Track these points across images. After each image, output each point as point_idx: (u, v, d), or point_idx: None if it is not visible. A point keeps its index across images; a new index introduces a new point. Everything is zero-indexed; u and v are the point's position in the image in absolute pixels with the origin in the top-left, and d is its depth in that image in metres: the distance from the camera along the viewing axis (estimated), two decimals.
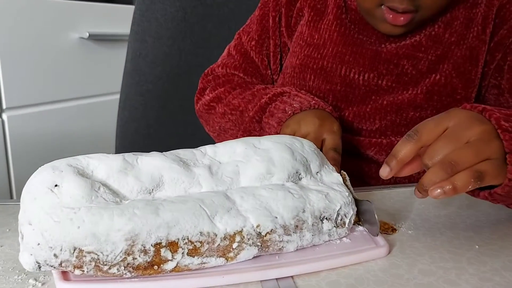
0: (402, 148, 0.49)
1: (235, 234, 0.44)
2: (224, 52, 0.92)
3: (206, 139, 0.89)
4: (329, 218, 0.49)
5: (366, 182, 0.80)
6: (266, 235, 0.45)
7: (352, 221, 0.51)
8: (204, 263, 0.43)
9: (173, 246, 0.42)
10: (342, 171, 0.56)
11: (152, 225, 0.41)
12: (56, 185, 0.41)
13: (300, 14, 0.84)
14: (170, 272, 0.43)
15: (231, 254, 0.44)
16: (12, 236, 0.52)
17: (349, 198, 0.51)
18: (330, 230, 0.49)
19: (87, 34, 1.45)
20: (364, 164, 0.79)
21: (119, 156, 0.46)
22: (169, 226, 0.41)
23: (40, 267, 0.40)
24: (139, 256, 0.41)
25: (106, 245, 0.40)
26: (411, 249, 0.51)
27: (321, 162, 0.54)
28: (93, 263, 0.40)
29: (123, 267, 0.41)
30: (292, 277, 0.45)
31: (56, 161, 0.44)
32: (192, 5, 1.10)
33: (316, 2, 0.82)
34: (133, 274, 0.41)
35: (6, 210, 0.58)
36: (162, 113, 1.16)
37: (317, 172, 0.53)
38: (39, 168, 0.43)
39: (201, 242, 0.42)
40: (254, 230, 0.44)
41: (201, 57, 1.14)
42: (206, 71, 0.92)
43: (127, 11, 1.58)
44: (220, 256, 0.44)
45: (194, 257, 0.43)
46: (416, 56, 0.75)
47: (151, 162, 0.46)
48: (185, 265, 0.43)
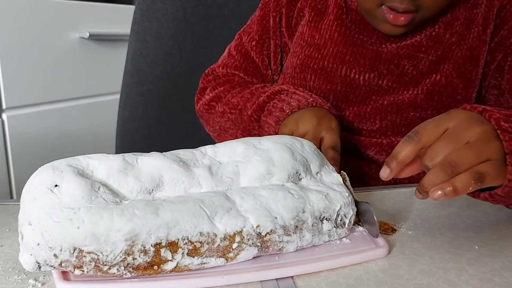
0: (402, 149, 0.49)
1: (235, 234, 0.44)
2: (225, 53, 0.92)
3: (206, 139, 0.89)
4: (329, 219, 0.49)
5: (366, 183, 0.80)
6: (266, 236, 0.45)
7: (352, 222, 0.51)
8: (204, 263, 0.43)
9: (173, 246, 0.42)
10: (342, 171, 0.56)
11: (152, 225, 0.41)
12: (56, 185, 0.41)
13: (300, 14, 0.84)
14: (170, 272, 0.43)
15: (231, 255, 0.44)
16: (12, 236, 0.52)
17: (349, 199, 0.50)
18: (330, 230, 0.49)
19: (88, 34, 1.45)
20: (364, 164, 0.79)
21: (119, 156, 0.46)
22: (169, 227, 0.41)
23: (40, 267, 0.40)
24: (139, 256, 0.41)
25: (106, 245, 0.40)
26: (411, 249, 0.51)
27: (321, 163, 0.54)
28: (93, 263, 0.40)
29: (123, 267, 0.41)
30: (292, 277, 0.45)
31: (56, 161, 0.44)
32: (193, 5, 1.10)
33: (316, 3, 0.82)
34: (133, 274, 0.41)
35: (6, 210, 0.58)
36: (163, 113, 1.16)
37: (317, 173, 0.53)
38: (39, 168, 0.43)
39: (201, 242, 0.42)
40: (254, 230, 0.44)
41: (201, 57, 1.14)
42: (206, 71, 0.92)
43: (127, 11, 1.58)
44: (220, 257, 0.44)
45: (194, 257, 0.43)
46: (417, 56, 0.75)
47: (151, 162, 0.46)
48: (185, 265, 0.43)
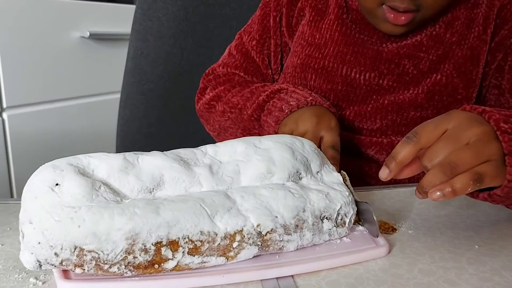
0: (401, 150, 0.49)
1: (235, 233, 0.44)
2: (225, 52, 0.92)
3: (207, 138, 0.89)
4: (330, 218, 0.49)
5: (366, 182, 0.80)
6: (266, 235, 0.45)
7: (352, 221, 0.51)
8: (205, 262, 0.43)
9: (173, 245, 0.42)
10: (342, 171, 0.56)
11: (152, 224, 0.41)
12: (57, 184, 0.41)
13: (301, 14, 0.84)
14: (171, 271, 0.43)
15: (232, 254, 0.44)
16: (13, 235, 0.52)
17: (349, 198, 0.51)
18: (330, 229, 0.49)
19: (88, 33, 1.45)
20: (365, 163, 0.79)
21: (119, 155, 0.46)
22: (169, 225, 0.41)
23: (41, 265, 0.40)
24: (140, 255, 0.41)
25: (107, 244, 0.40)
26: (411, 248, 0.51)
27: (321, 162, 0.54)
28: (94, 262, 0.40)
29: (123, 266, 0.41)
30: (292, 276, 0.45)
31: (57, 160, 0.44)
32: (193, 5, 1.10)
33: (317, 2, 0.82)
34: (133, 273, 0.41)
35: (7, 209, 0.58)
36: (163, 112, 1.17)
37: (318, 172, 0.53)
38: (40, 167, 0.44)
39: (201, 241, 0.43)
40: (254, 229, 0.44)
41: (202, 56, 1.14)
42: (207, 71, 0.92)
43: (128, 10, 1.58)
44: (220, 255, 0.44)
45: (194, 256, 0.43)
46: (417, 56, 0.75)
47: (152, 161, 0.46)
48: (186, 264, 0.43)
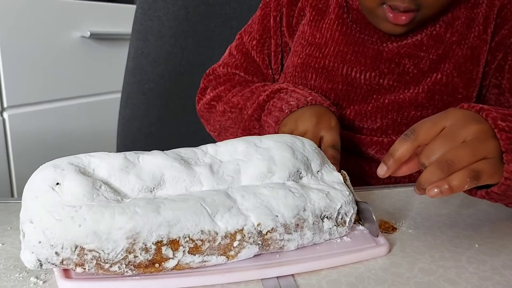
0: (399, 147, 0.49)
1: (236, 232, 0.44)
2: (226, 52, 0.92)
3: (207, 138, 0.89)
4: (330, 217, 0.49)
5: (366, 182, 0.80)
6: (267, 234, 0.45)
7: (353, 220, 0.51)
8: (205, 261, 0.43)
9: (174, 244, 0.42)
10: (342, 170, 0.56)
11: (153, 223, 0.41)
12: (57, 183, 0.41)
13: (301, 13, 0.84)
14: (171, 270, 0.43)
15: (232, 253, 0.44)
16: (14, 234, 0.52)
17: (350, 197, 0.51)
18: (330, 228, 0.49)
19: (89, 33, 1.45)
20: (365, 163, 0.79)
21: (120, 155, 0.46)
22: (170, 225, 0.41)
23: (41, 265, 0.40)
24: (140, 254, 0.41)
25: (107, 243, 0.40)
26: (411, 248, 0.51)
27: (322, 161, 0.54)
28: (95, 261, 0.40)
29: (124, 265, 0.41)
30: (292, 275, 0.45)
31: (58, 160, 0.44)
32: (194, 4, 1.10)
33: (317, 2, 0.82)
34: (134, 272, 0.41)
35: (7, 208, 0.58)
36: (164, 111, 1.17)
37: (318, 171, 0.53)
38: (41, 166, 0.44)
39: (202, 240, 0.43)
40: (255, 228, 0.44)
41: (203, 55, 1.14)
42: (207, 71, 0.92)
43: (128, 10, 1.58)
44: (221, 255, 0.44)
45: (195, 255, 0.43)
46: (418, 55, 0.75)
47: (152, 161, 0.46)
48: (186, 263, 0.43)
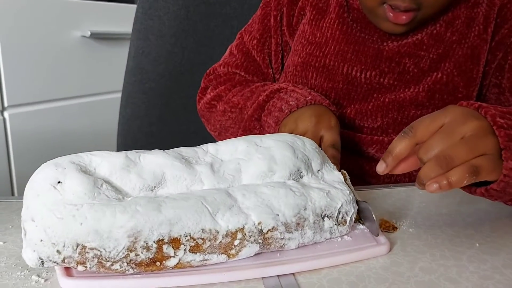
0: (397, 144, 0.50)
1: (236, 231, 0.44)
2: (226, 52, 0.92)
3: (208, 137, 0.89)
4: (330, 216, 0.49)
5: (367, 181, 0.80)
6: (267, 233, 0.45)
7: (353, 219, 0.51)
8: (206, 260, 0.44)
9: (175, 242, 0.42)
10: (342, 170, 0.56)
11: (154, 222, 0.41)
12: (59, 182, 0.42)
13: (301, 13, 0.84)
14: (172, 268, 0.43)
15: (233, 251, 0.44)
16: (15, 232, 0.52)
17: (350, 196, 0.51)
18: (331, 227, 0.49)
19: (89, 33, 1.46)
20: (365, 162, 0.79)
21: (121, 154, 0.46)
22: (171, 223, 0.42)
23: (43, 263, 0.40)
24: (142, 253, 0.41)
25: (109, 242, 0.40)
26: (412, 247, 0.51)
27: (322, 161, 0.54)
28: (96, 259, 0.40)
29: (125, 264, 0.41)
30: (293, 274, 0.45)
31: (59, 158, 0.44)
32: (194, 4, 1.10)
33: (318, 1, 0.82)
34: (135, 270, 0.42)
35: (9, 207, 0.58)
36: (164, 111, 1.17)
37: (319, 170, 0.53)
38: (42, 165, 0.44)
39: (203, 239, 0.43)
40: (255, 227, 0.45)
41: (203, 55, 1.14)
42: (208, 70, 0.92)
43: (128, 10, 1.58)
44: (221, 253, 0.44)
45: (196, 254, 0.43)
46: (418, 54, 0.75)
47: (154, 160, 0.46)
48: (187, 262, 0.43)
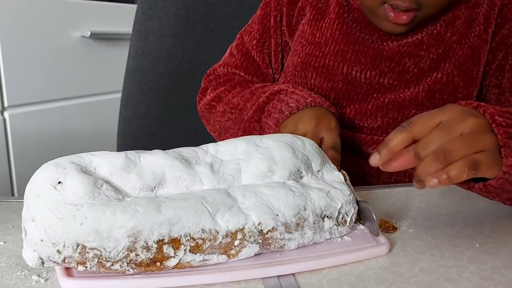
0: (394, 137, 0.49)
1: (236, 231, 0.44)
2: (226, 52, 0.92)
3: (208, 137, 0.89)
4: (330, 216, 0.49)
5: (367, 181, 0.80)
6: (267, 233, 0.45)
7: (353, 220, 0.51)
8: (206, 260, 0.44)
9: (175, 243, 0.42)
10: (342, 170, 0.56)
11: (154, 222, 0.41)
12: (59, 182, 0.42)
13: (301, 13, 0.84)
14: (172, 268, 0.43)
15: (233, 252, 0.44)
16: (15, 232, 0.52)
17: (350, 197, 0.51)
18: (331, 228, 0.49)
19: (89, 33, 1.46)
20: (365, 162, 0.79)
21: (121, 154, 0.46)
22: (171, 223, 0.42)
23: (43, 263, 0.40)
24: (142, 253, 0.41)
25: (109, 242, 0.40)
26: (412, 247, 0.51)
27: (322, 161, 0.54)
28: (96, 259, 0.40)
29: (125, 264, 0.41)
30: (293, 274, 0.45)
31: (59, 159, 0.44)
32: (194, 4, 1.10)
33: (318, 1, 0.82)
34: (135, 270, 0.42)
35: (9, 207, 0.59)
36: (164, 111, 1.17)
37: (318, 171, 0.53)
38: (43, 165, 0.44)
39: (203, 239, 0.43)
40: (255, 227, 0.45)
41: (203, 55, 1.15)
42: (208, 71, 0.92)
43: (128, 10, 1.58)
44: (221, 253, 0.44)
45: (196, 254, 0.43)
46: (418, 54, 0.75)
47: (154, 160, 0.46)
48: (187, 262, 0.43)
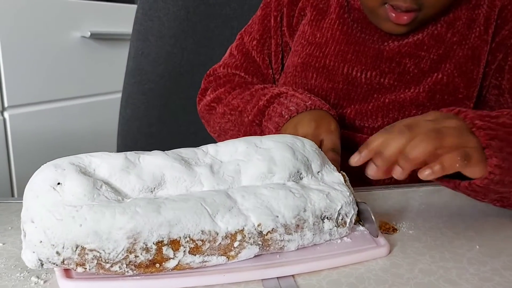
0: (376, 139, 0.52)
1: (236, 233, 0.44)
2: (226, 53, 0.92)
3: (208, 138, 0.89)
4: (330, 218, 0.49)
5: (367, 182, 0.80)
6: (267, 234, 0.45)
7: (353, 221, 0.51)
8: (206, 261, 0.43)
9: (174, 244, 0.42)
10: (341, 171, 0.56)
11: (154, 223, 0.41)
12: (58, 183, 0.41)
13: (301, 13, 0.84)
14: (172, 270, 0.43)
15: (232, 253, 0.44)
16: (15, 234, 0.52)
17: (350, 198, 0.51)
18: (331, 229, 0.49)
19: (89, 33, 1.46)
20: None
21: (121, 155, 0.46)
22: (170, 225, 0.41)
23: (42, 264, 0.40)
24: (141, 254, 0.41)
25: (108, 243, 0.40)
26: (411, 248, 0.51)
27: (322, 162, 0.54)
28: (95, 261, 0.40)
29: (125, 265, 0.41)
30: (293, 276, 0.45)
31: (59, 160, 0.44)
32: (194, 4, 1.10)
33: (318, 2, 0.82)
34: (135, 272, 0.41)
35: (8, 208, 0.58)
36: (164, 112, 1.17)
37: (318, 172, 0.53)
38: (42, 166, 0.44)
39: (202, 240, 0.43)
40: (255, 229, 0.44)
41: (203, 56, 1.14)
42: (208, 71, 0.92)
43: (128, 10, 1.58)
44: (221, 255, 0.44)
45: (195, 255, 0.43)
46: (418, 54, 0.75)
47: (153, 161, 0.46)
48: (187, 264, 0.43)
